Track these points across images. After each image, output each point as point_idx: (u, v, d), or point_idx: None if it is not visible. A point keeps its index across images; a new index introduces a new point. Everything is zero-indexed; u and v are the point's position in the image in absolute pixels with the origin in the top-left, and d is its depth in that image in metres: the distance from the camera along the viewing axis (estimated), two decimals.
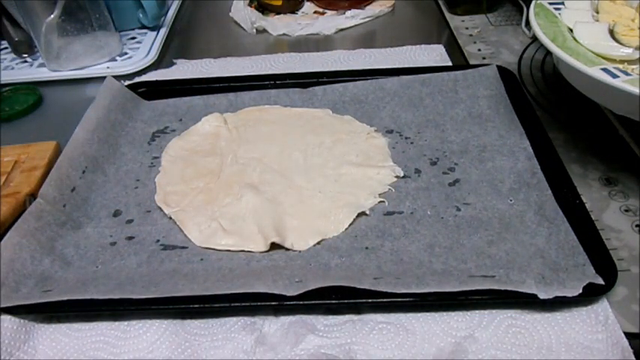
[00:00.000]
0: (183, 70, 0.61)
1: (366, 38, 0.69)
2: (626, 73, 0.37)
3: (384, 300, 0.33)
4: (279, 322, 0.34)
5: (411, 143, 0.47)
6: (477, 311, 0.34)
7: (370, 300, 0.33)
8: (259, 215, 0.40)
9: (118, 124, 0.50)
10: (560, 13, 0.46)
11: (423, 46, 0.63)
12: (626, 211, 0.40)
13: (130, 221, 0.41)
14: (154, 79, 0.59)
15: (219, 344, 0.33)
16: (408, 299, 0.33)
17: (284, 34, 0.69)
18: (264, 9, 0.74)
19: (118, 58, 0.64)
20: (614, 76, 0.37)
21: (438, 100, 0.51)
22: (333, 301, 0.34)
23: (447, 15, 0.71)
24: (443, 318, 0.34)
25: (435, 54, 0.61)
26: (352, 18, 0.71)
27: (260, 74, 0.58)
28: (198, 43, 0.70)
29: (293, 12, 0.74)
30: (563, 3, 0.47)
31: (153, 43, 0.67)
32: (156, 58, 0.64)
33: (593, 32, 0.43)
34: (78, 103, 0.54)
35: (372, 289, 0.33)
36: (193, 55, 0.65)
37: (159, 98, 0.54)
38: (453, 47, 0.63)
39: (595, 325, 0.32)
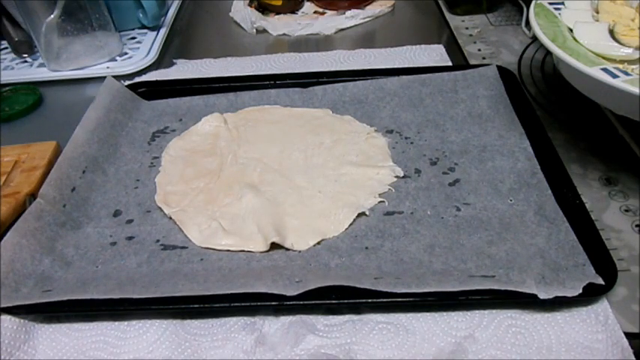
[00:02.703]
0: (183, 70, 0.61)
1: (366, 38, 0.69)
2: (626, 73, 0.37)
3: (384, 300, 0.33)
4: (279, 322, 0.34)
5: (411, 143, 0.47)
6: (476, 311, 0.34)
7: (370, 300, 0.33)
8: (259, 215, 0.40)
9: (118, 124, 0.50)
10: (560, 13, 0.46)
11: (423, 46, 0.63)
12: (626, 211, 0.40)
13: (130, 221, 0.41)
14: (154, 79, 0.59)
15: (219, 344, 0.33)
16: (408, 299, 0.33)
17: (284, 34, 0.69)
18: (264, 9, 0.74)
19: (118, 58, 0.64)
20: (614, 76, 0.37)
21: (438, 100, 0.51)
22: (333, 301, 0.34)
23: (447, 15, 0.71)
24: (443, 318, 0.34)
25: (435, 54, 0.61)
26: (352, 18, 0.71)
27: (260, 74, 0.58)
28: (198, 43, 0.70)
29: (293, 12, 0.74)
30: (563, 3, 0.47)
31: (153, 43, 0.67)
32: (156, 58, 0.64)
33: (593, 32, 0.43)
34: (78, 103, 0.54)
35: (372, 289, 0.33)
36: (193, 55, 0.65)
37: (159, 98, 0.54)
38: (453, 47, 0.63)
39: (595, 325, 0.32)
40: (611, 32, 0.43)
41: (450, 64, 0.59)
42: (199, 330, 0.34)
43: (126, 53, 0.65)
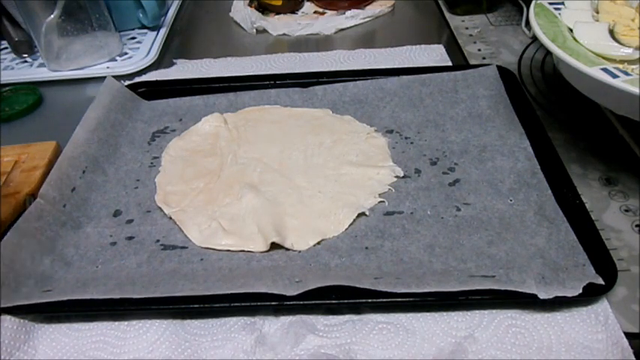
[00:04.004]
0: (183, 70, 0.61)
1: (366, 38, 0.69)
2: (626, 73, 0.37)
3: (384, 300, 0.33)
4: (279, 322, 0.34)
5: (411, 143, 0.47)
6: (477, 311, 0.34)
7: (370, 300, 0.33)
8: (259, 215, 0.40)
9: (118, 124, 0.50)
10: (560, 13, 0.46)
11: (423, 46, 0.63)
12: (626, 211, 0.40)
13: (130, 221, 0.41)
14: (154, 79, 0.59)
15: (219, 344, 0.33)
16: (408, 299, 0.33)
17: (284, 34, 0.69)
18: (264, 9, 0.74)
19: (118, 58, 0.64)
20: (614, 76, 0.37)
21: (438, 100, 0.51)
22: (333, 301, 0.34)
23: (447, 15, 0.71)
24: (443, 318, 0.34)
25: (435, 54, 0.61)
26: (352, 18, 0.71)
27: (260, 74, 0.58)
28: (198, 43, 0.70)
29: (293, 12, 0.74)
30: (563, 3, 0.47)
31: (153, 43, 0.67)
32: (156, 58, 0.64)
33: (593, 32, 0.43)
34: (78, 103, 0.54)
35: (372, 288, 0.33)
36: (193, 55, 0.65)
37: (159, 98, 0.54)
38: (453, 47, 0.63)
39: (595, 325, 0.32)
40: (611, 32, 0.43)
41: (450, 64, 0.59)
42: (199, 330, 0.34)
43: (126, 53, 0.65)
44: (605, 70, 0.37)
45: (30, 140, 0.49)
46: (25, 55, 0.65)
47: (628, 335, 0.32)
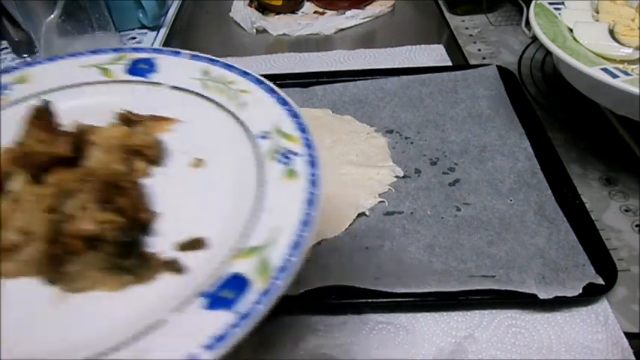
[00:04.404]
0: None
1: (366, 38, 0.69)
2: (626, 73, 0.37)
3: (384, 300, 0.33)
4: (280, 322, 0.34)
5: (411, 143, 0.47)
6: (476, 311, 0.34)
7: (370, 300, 0.33)
8: None
9: None
10: (560, 13, 0.46)
11: (423, 46, 0.63)
12: (626, 211, 0.40)
13: None
14: None
15: None
16: (408, 299, 0.33)
17: (284, 34, 0.69)
18: (264, 9, 0.74)
19: None
20: (614, 76, 0.37)
21: (438, 100, 0.51)
22: (333, 301, 0.34)
23: (447, 15, 0.71)
24: (443, 318, 0.34)
25: (435, 54, 0.61)
26: (352, 18, 0.71)
27: (260, 74, 0.57)
28: (198, 43, 0.70)
29: (293, 12, 0.74)
30: (563, 3, 0.47)
31: (153, 43, 0.67)
32: None
33: (593, 32, 0.43)
34: None
35: (372, 288, 0.33)
36: None
37: None
38: (453, 47, 0.63)
39: (595, 325, 0.32)
40: (611, 32, 0.43)
41: (450, 64, 0.59)
42: None
43: None
44: (605, 70, 0.37)
45: None
46: (25, 56, 0.65)
47: (628, 335, 0.32)
